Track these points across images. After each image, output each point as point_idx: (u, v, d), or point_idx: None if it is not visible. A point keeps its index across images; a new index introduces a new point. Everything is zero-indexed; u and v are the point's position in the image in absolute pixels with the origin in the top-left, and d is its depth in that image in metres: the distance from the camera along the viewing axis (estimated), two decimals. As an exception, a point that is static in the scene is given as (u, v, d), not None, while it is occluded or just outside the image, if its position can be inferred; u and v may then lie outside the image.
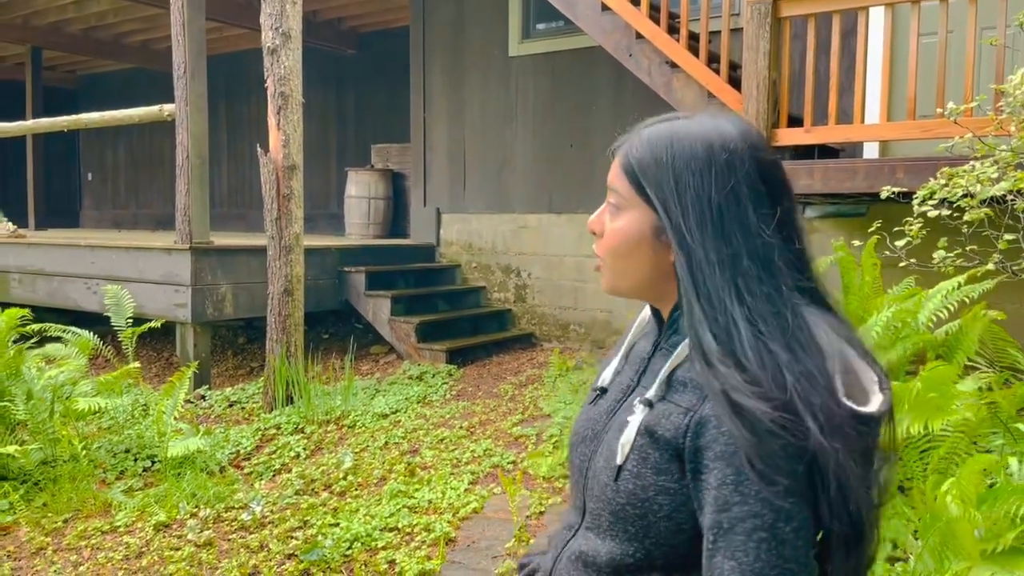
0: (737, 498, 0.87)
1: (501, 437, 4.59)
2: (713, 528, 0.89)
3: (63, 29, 10.42)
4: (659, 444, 0.95)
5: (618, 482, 0.98)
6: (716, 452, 0.90)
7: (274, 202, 5.05)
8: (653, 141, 1.02)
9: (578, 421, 1.14)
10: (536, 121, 6.93)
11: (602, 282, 1.10)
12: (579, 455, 1.09)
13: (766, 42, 4.45)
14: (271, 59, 4.98)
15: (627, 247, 1.04)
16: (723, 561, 0.88)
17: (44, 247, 6.74)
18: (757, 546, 0.86)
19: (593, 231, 1.08)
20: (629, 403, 1.04)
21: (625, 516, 0.97)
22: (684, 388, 0.97)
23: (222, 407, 5.50)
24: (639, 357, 1.10)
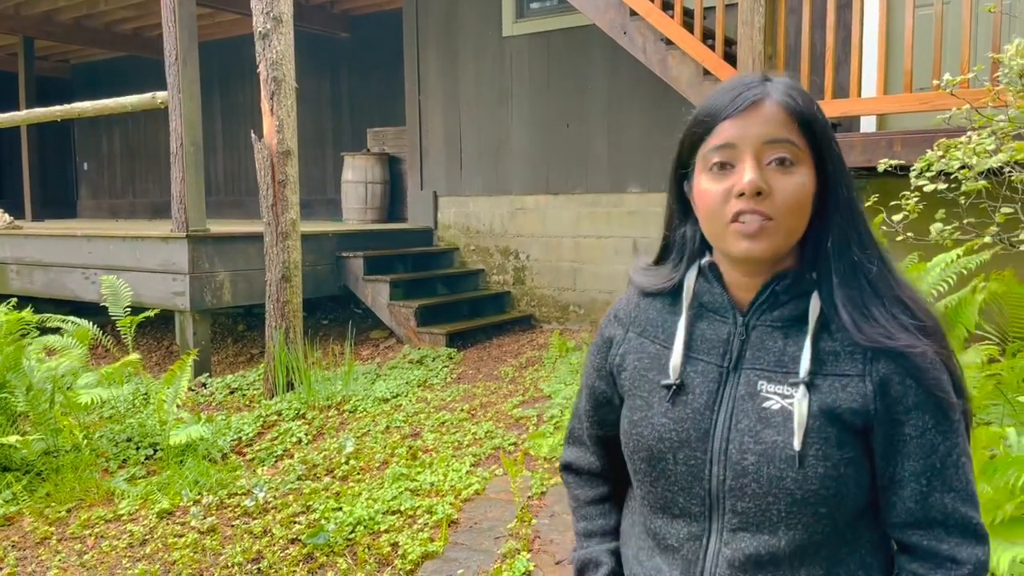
0: (940, 438, 0.96)
1: (502, 419, 4.60)
2: (925, 472, 0.96)
3: (55, 18, 10.34)
4: (841, 419, 0.96)
5: (804, 469, 0.95)
6: (908, 404, 0.96)
7: (269, 188, 5.03)
8: (803, 93, 1.01)
9: (655, 425, 1.04)
10: (532, 101, 6.89)
11: (761, 245, 0.97)
12: (685, 460, 1.02)
13: (761, 17, 4.42)
14: (262, 44, 4.94)
15: (805, 202, 0.99)
16: (942, 496, 0.96)
17: (41, 238, 6.72)
18: (964, 472, 0.97)
19: (760, 190, 0.96)
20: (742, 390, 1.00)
21: (817, 500, 0.95)
22: (838, 357, 0.98)
23: (223, 394, 5.51)
24: (717, 341, 1.04)
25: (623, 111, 6.34)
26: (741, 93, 0.99)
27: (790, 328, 1.00)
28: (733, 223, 0.98)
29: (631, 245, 6.38)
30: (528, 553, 3.12)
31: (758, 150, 0.97)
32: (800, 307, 1.00)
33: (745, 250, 0.98)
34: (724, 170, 0.99)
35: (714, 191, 0.99)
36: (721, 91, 1.02)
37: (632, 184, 6.31)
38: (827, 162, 0.98)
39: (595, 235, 6.57)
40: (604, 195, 6.48)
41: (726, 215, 0.98)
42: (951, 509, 0.95)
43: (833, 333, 0.98)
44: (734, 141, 0.98)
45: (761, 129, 0.97)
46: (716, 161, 0.99)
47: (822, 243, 0.99)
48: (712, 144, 1.00)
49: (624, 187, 6.35)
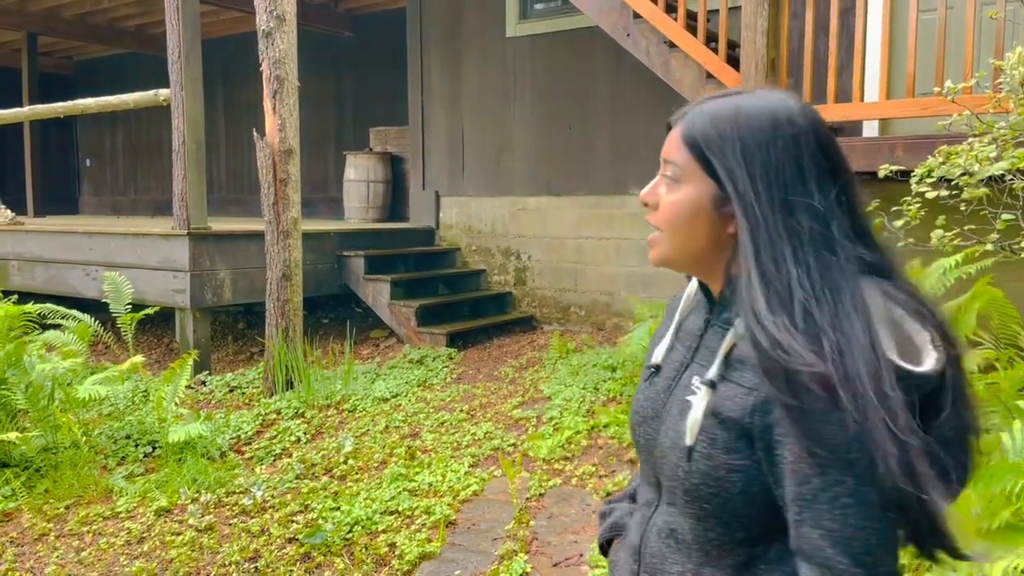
0: (815, 469, 0.89)
1: (501, 420, 4.60)
2: (797, 500, 0.91)
3: (59, 14, 10.35)
4: (726, 425, 0.97)
5: (690, 463, 0.99)
6: (785, 430, 0.91)
7: (271, 187, 5.04)
8: (716, 114, 1.04)
9: (637, 400, 1.16)
10: (535, 102, 6.89)
11: (653, 253, 1.09)
12: (643, 434, 1.12)
13: (764, 20, 4.41)
14: (266, 42, 4.94)
15: (686, 218, 1.04)
16: (811, 531, 0.90)
17: (42, 234, 6.73)
18: (843, 513, 0.88)
19: (646, 203, 1.08)
20: (685, 381, 1.07)
21: (700, 495, 0.99)
22: (743, 366, 0.98)
23: (222, 392, 5.51)
24: (691, 333, 1.12)
25: (626, 113, 6.34)
26: (677, 112, 1.09)
27: (727, 330, 1.03)
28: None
29: (633, 247, 6.38)
30: (526, 555, 3.13)
31: (662, 167, 1.08)
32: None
33: (650, 258, 1.11)
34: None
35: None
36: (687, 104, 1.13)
37: (634, 186, 6.30)
38: (724, 183, 1.00)
39: (597, 236, 6.57)
40: (606, 197, 6.48)
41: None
42: (817, 546, 0.89)
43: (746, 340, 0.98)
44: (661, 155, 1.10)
45: (665, 148, 1.08)
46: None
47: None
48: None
49: (626, 189, 6.35)
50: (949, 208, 3.10)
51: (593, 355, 5.52)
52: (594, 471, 3.82)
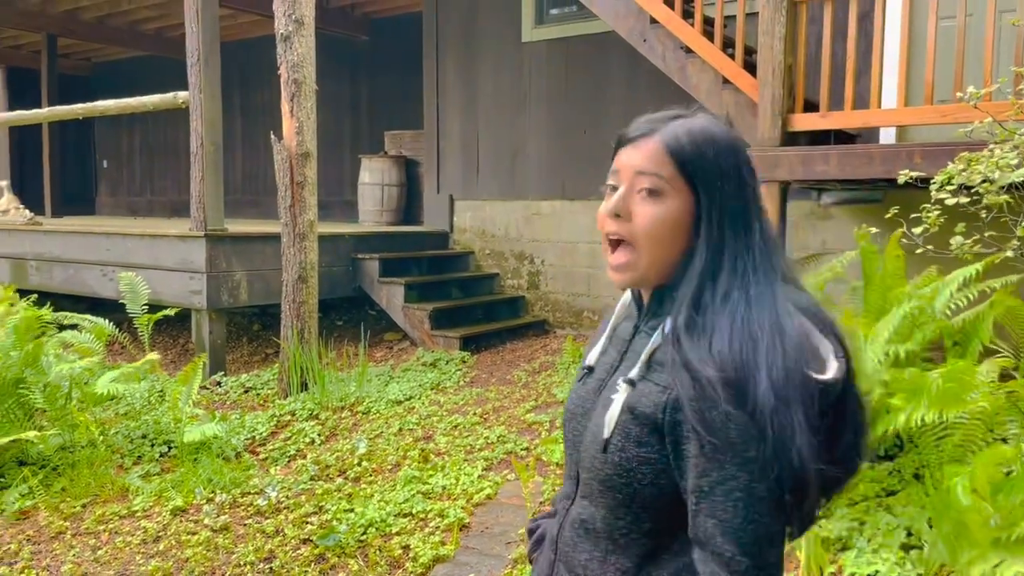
0: (714, 464, 0.97)
1: (515, 423, 4.60)
2: (695, 491, 0.99)
3: (78, 16, 10.45)
4: (640, 420, 1.05)
5: (605, 454, 1.07)
6: (690, 427, 0.99)
7: (288, 189, 5.06)
8: (695, 134, 1.09)
9: (570, 399, 1.22)
10: (549, 107, 6.90)
11: (624, 276, 1.10)
12: (571, 430, 1.19)
13: (782, 26, 4.40)
14: (284, 46, 4.97)
15: (667, 231, 1.08)
16: (706, 520, 0.98)
17: (60, 234, 6.79)
18: (735, 505, 0.96)
19: (618, 213, 1.08)
20: (613, 382, 1.12)
21: (613, 485, 1.07)
22: (661, 368, 1.06)
23: (237, 393, 5.54)
24: (621, 338, 1.18)
25: (641, 118, 6.33)
26: (640, 127, 1.10)
27: (652, 334, 1.10)
28: (609, 249, 1.11)
29: (646, 252, 6.36)
30: (539, 559, 3.12)
31: (632, 178, 1.08)
32: (663, 319, 1.10)
33: (608, 267, 1.12)
34: (613, 192, 1.11)
35: (601, 209, 1.12)
36: (635, 121, 1.13)
37: (648, 191, 6.29)
38: (703, 200, 1.06)
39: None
40: (620, 202, 6.47)
41: (603, 233, 1.11)
42: (710, 535, 0.98)
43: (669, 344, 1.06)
44: (619, 167, 1.10)
45: (638, 160, 1.08)
46: (609, 183, 1.12)
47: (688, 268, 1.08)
48: (611, 167, 1.13)
49: (640, 194, 6.34)
50: (969, 215, 3.08)
51: (607, 360, 5.50)
52: (608, 476, 3.81)
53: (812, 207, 5.51)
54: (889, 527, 2.89)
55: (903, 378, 2.89)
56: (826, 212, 5.50)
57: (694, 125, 1.10)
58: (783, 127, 4.46)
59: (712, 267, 1.05)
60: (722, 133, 1.10)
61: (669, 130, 1.09)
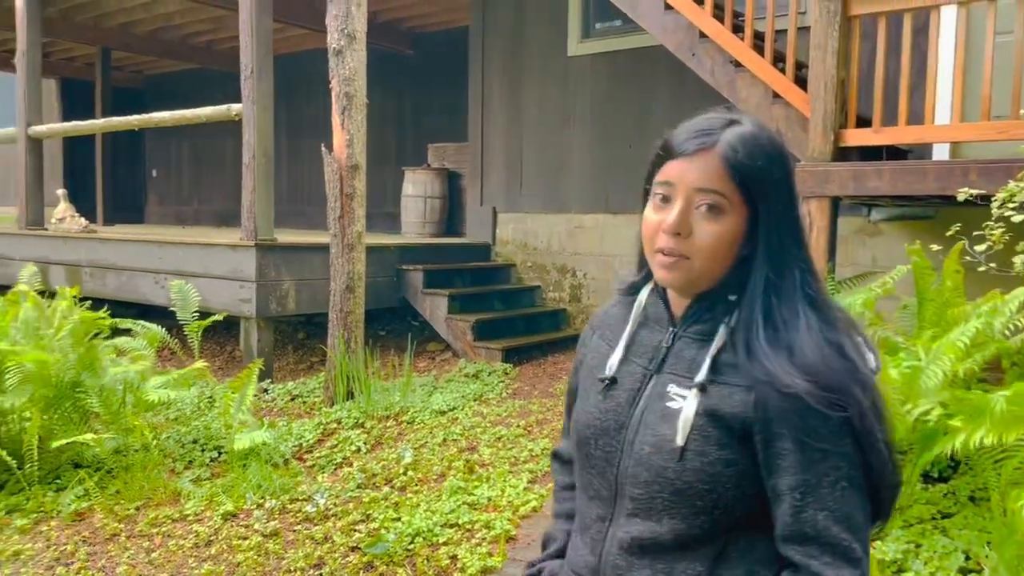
0: (817, 457, 1.00)
1: (558, 436, 4.60)
2: (799, 487, 1.01)
3: (132, 30, 10.74)
4: (723, 422, 1.05)
5: (683, 462, 1.05)
6: (786, 420, 1.01)
7: (337, 201, 5.14)
8: (752, 146, 1.09)
9: (588, 413, 1.18)
10: (594, 120, 6.91)
11: (673, 275, 1.09)
12: (602, 447, 1.14)
13: (835, 40, 4.38)
14: (336, 60, 5.06)
15: (726, 247, 1.09)
16: (815, 514, 1.00)
17: (115, 242, 6.96)
18: (842, 494, 1.00)
19: (679, 231, 1.08)
20: (656, 390, 1.11)
21: (693, 492, 1.05)
22: (735, 369, 1.06)
23: (284, 400, 5.62)
24: (649, 347, 1.16)
25: (687, 132, 6.31)
26: (692, 138, 1.09)
27: (705, 341, 1.10)
28: (659, 254, 1.09)
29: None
30: (587, 573, 3.11)
31: (690, 194, 1.08)
32: (717, 324, 1.10)
33: (663, 280, 1.11)
34: (664, 204, 1.10)
35: (651, 221, 1.11)
36: (683, 129, 1.12)
37: (693, 205, 6.27)
38: (761, 213, 1.07)
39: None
40: (664, 216, 6.45)
41: (654, 244, 1.10)
42: (822, 527, 0.99)
43: (736, 346, 1.07)
44: (673, 181, 1.09)
45: (696, 176, 1.07)
46: (659, 193, 1.11)
47: (748, 274, 1.09)
48: (659, 178, 1.11)
49: (685, 208, 6.32)
50: (1031, 234, 3.03)
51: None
52: (654, 491, 3.79)
53: (862, 223, 5.45)
54: (946, 550, 2.83)
55: (965, 399, 2.84)
56: (876, 228, 5.43)
57: (748, 134, 1.09)
58: (835, 142, 4.42)
59: (776, 278, 1.06)
60: (771, 141, 1.11)
61: (726, 143, 1.08)
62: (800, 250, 1.09)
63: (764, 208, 1.07)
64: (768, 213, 1.08)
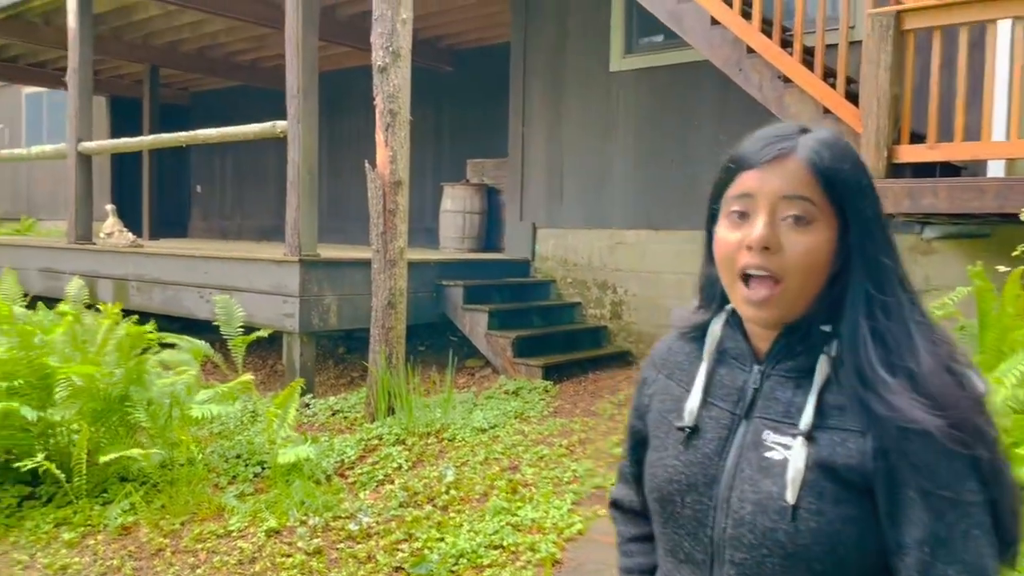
0: (946, 505, 0.90)
1: (602, 457, 4.54)
2: (927, 541, 0.90)
3: (179, 48, 10.96)
4: (837, 475, 0.93)
5: (796, 522, 0.93)
6: (911, 469, 0.90)
7: (380, 216, 5.15)
8: (834, 148, 1.00)
9: (669, 466, 1.05)
10: (636, 136, 6.87)
11: (769, 312, 0.98)
12: (692, 505, 1.02)
13: (888, 55, 4.29)
14: (380, 77, 5.09)
15: (820, 262, 0.98)
16: (945, 568, 0.90)
17: (161, 257, 7.06)
18: (976, 544, 0.90)
19: (768, 246, 0.97)
20: (750, 438, 0.99)
21: (810, 555, 0.93)
22: (843, 412, 0.95)
23: (325, 415, 5.62)
24: (733, 388, 1.04)
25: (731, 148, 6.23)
26: (769, 144, 0.99)
27: (802, 379, 0.99)
28: (742, 283, 0.99)
29: (735, 284, 6.24)
30: (635, 599, 3.04)
31: (774, 204, 0.97)
32: (813, 359, 0.99)
33: (751, 316, 1.01)
34: (742, 220, 1.00)
35: (728, 240, 1.00)
36: (753, 139, 1.03)
37: (738, 222, 6.19)
38: (852, 221, 0.98)
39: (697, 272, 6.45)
40: (708, 232, 6.37)
41: (736, 266, 0.99)
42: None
43: (843, 386, 0.95)
44: (752, 192, 0.99)
45: (780, 183, 0.97)
46: (735, 209, 1.00)
47: (842, 298, 0.98)
48: (733, 192, 1.01)
49: (729, 225, 6.24)
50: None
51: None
52: (702, 515, 3.71)
53: (915, 241, 5.32)
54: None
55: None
56: (929, 246, 5.30)
57: (829, 138, 1.00)
58: (888, 158, 4.33)
59: (878, 294, 0.96)
60: (850, 146, 1.03)
61: (808, 146, 0.98)
62: (896, 262, 0.99)
63: (855, 216, 0.97)
64: (860, 221, 0.97)
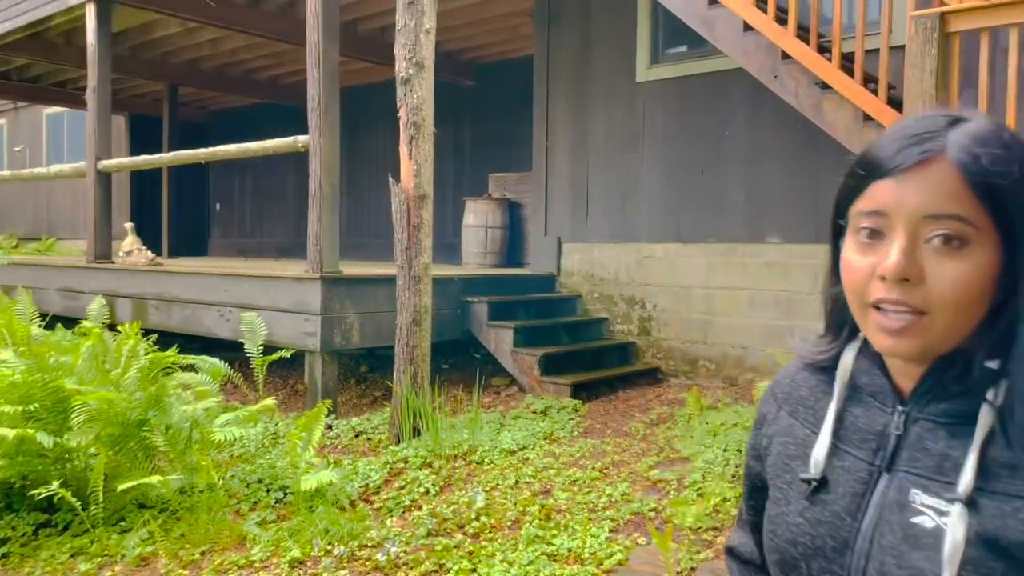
0: None
1: (637, 480, 4.34)
2: None
3: (198, 66, 10.94)
4: (1008, 553, 0.75)
5: None
6: None
7: (404, 232, 5.01)
8: (996, 144, 0.79)
9: (792, 525, 0.90)
10: (664, 148, 6.70)
11: (909, 343, 0.80)
12: (820, 572, 0.87)
13: (932, 59, 4.10)
14: (404, 89, 4.96)
15: (976, 294, 0.79)
16: None
17: (180, 275, 6.96)
18: None
19: (907, 277, 0.79)
20: (892, 497, 0.83)
21: None
22: (1015, 473, 0.77)
23: (348, 437, 5.47)
24: (870, 432, 0.87)
25: (763, 159, 6.06)
26: (908, 146, 0.80)
27: (958, 426, 0.81)
28: (875, 311, 0.82)
29: (770, 298, 6.04)
30: (684, 638, 2.85)
31: (915, 225, 0.79)
32: (973, 402, 0.81)
33: (888, 348, 0.82)
34: (873, 239, 0.82)
35: (857, 265, 0.83)
36: (890, 136, 0.84)
37: (771, 234, 6.00)
38: (1020, 240, 0.79)
39: (728, 287, 6.27)
40: (740, 245, 6.18)
41: (867, 298, 0.82)
42: None
43: (1012, 440, 0.78)
44: (886, 209, 0.81)
45: (922, 198, 0.79)
46: (865, 227, 0.83)
47: (1010, 329, 0.80)
48: (862, 206, 0.83)
49: (762, 237, 6.05)
50: None
51: (732, 413, 5.19)
52: (748, 544, 3.50)
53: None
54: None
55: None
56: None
57: (987, 132, 0.81)
58: (934, 166, 4.12)
59: None
60: (1017, 139, 0.82)
61: (959, 146, 0.79)
62: None
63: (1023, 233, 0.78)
64: None
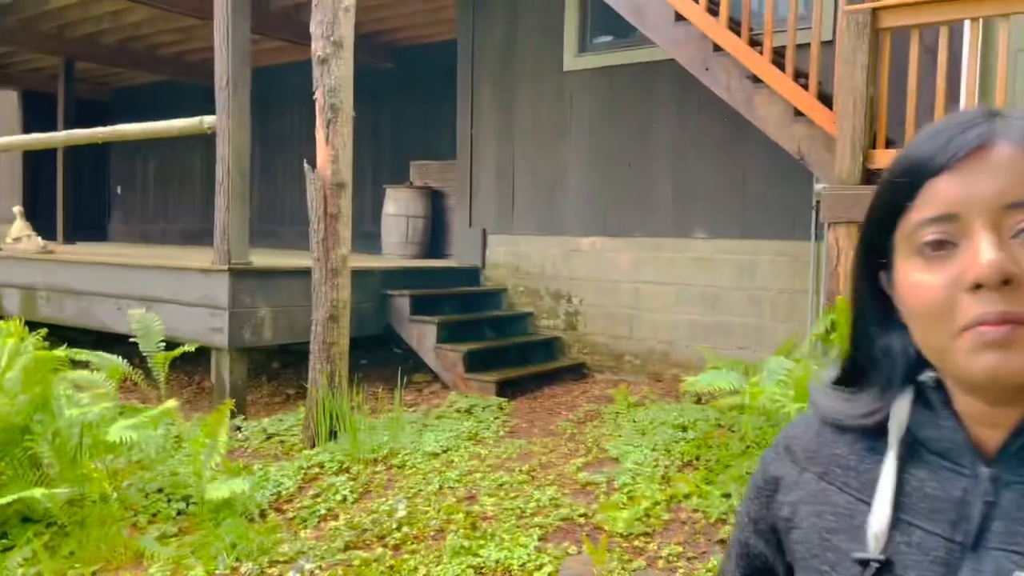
0: None
1: (566, 483, 4.19)
2: None
3: (98, 41, 10.24)
4: None
5: None
6: None
7: (321, 222, 4.71)
8: None
9: None
10: (591, 139, 6.57)
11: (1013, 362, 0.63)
12: None
13: (864, 54, 4.07)
14: (321, 69, 4.65)
15: None
16: None
17: (75, 264, 6.44)
18: None
19: (1008, 277, 0.63)
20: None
21: None
22: None
23: (259, 440, 5.13)
24: (945, 501, 0.69)
25: (690, 152, 5.99)
26: (958, 134, 0.67)
27: None
28: (967, 331, 0.65)
29: (696, 293, 5.99)
30: (620, 657, 2.70)
31: (996, 217, 0.65)
32: None
33: (990, 368, 0.64)
34: (942, 251, 0.67)
35: (931, 285, 0.67)
36: (927, 133, 0.70)
37: (698, 229, 5.94)
38: None
39: (656, 281, 6.19)
40: (667, 240, 6.11)
41: (955, 321, 0.65)
42: None
43: None
44: (954, 208, 0.66)
45: (1000, 185, 0.65)
46: (929, 240, 0.67)
47: None
48: (922, 214, 0.68)
49: (690, 232, 5.98)
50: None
51: (658, 410, 5.11)
52: (681, 551, 3.39)
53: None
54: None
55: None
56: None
57: None
58: (864, 163, 4.11)
59: None
60: None
61: (1017, 127, 0.67)
62: None
63: None
64: None
